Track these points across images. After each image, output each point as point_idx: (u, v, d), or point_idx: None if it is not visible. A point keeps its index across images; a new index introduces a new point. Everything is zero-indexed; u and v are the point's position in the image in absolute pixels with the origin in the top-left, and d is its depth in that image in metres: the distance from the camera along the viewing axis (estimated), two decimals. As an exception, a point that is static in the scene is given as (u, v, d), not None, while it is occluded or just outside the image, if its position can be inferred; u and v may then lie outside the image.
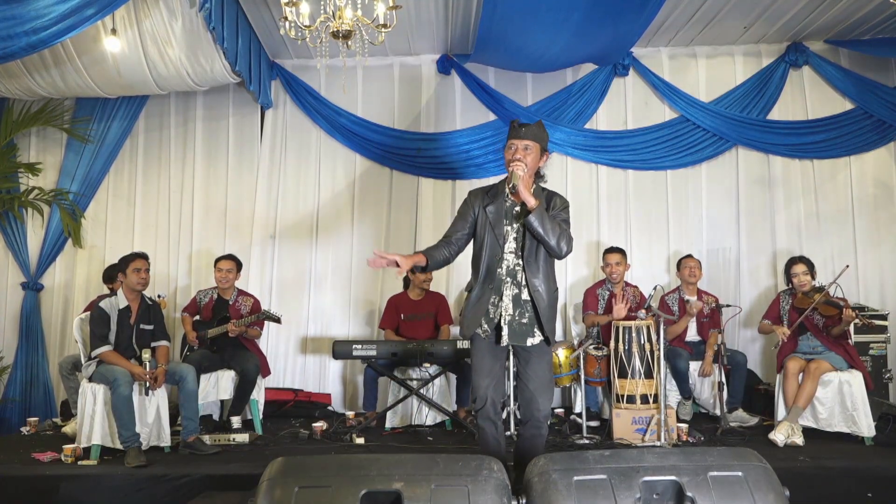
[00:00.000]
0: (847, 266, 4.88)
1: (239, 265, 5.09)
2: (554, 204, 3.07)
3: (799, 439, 4.17)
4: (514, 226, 3.04)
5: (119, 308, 4.23)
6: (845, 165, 5.81)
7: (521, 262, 3.01)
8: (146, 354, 4.11)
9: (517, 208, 3.03)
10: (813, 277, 4.64)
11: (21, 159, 5.95)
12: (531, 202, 2.90)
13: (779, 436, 4.17)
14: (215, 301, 5.00)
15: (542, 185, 3.17)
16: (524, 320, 3.00)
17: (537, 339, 3.01)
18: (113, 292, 4.54)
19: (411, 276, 5.17)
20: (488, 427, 3.00)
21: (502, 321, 2.99)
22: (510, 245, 3.03)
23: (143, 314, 4.32)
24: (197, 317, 5.00)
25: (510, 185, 2.92)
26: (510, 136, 3.07)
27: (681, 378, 4.81)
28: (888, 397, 5.09)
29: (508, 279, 3.01)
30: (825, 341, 4.50)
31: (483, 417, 2.99)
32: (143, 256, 4.32)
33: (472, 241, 3.16)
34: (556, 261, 3.11)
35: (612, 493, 2.11)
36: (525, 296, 3.00)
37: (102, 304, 4.24)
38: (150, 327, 4.34)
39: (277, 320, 4.85)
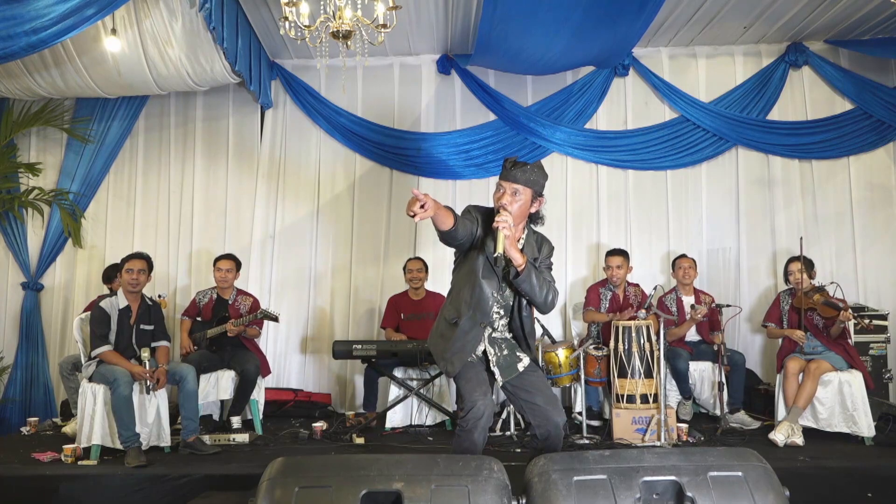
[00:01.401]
0: (801, 237, 4.84)
1: (238, 264, 5.09)
2: (544, 252, 2.90)
3: (799, 439, 4.17)
4: (500, 270, 2.84)
5: (119, 308, 4.22)
6: (844, 166, 5.81)
7: (501, 312, 2.88)
8: (145, 354, 4.11)
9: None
10: (811, 277, 4.64)
11: (21, 159, 5.95)
12: (518, 260, 2.70)
13: (779, 436, 4.17)
14: (215, 301, 5.00)
15: (537, 228, 2.94)
16: (505, 352, 2.88)
17: (526, 360, 2.89)
18: (113, 292, 4.55)
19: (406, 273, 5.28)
20: (480, 441, 2.73)
21: (491, 365, 2.86)
22: (496, 286, 2.86)
23: (143, 314, 4.31)
24: (198, 318, 5.00)
25: (495, 256, 2.63)
26: (501, 175, 2.79)
27: (680, 378, 4.81)
28: (888, 397, 5.10)
29: (480, 321, 2.84)
30: (825, 341, 4.50)
31: (480, 429, 2.71)
32: (138, 257, 4.29)
33: (459, 263, 2.95)
34: (549, 271, 2.95)
35: (612, 493, 2.11)
36: (497, 335, 2.89)
37: (103, 303, 4.24)
38: (151, 328, 4.34)
39: (275, 319, 4.85)
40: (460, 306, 2.85)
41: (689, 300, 5.04)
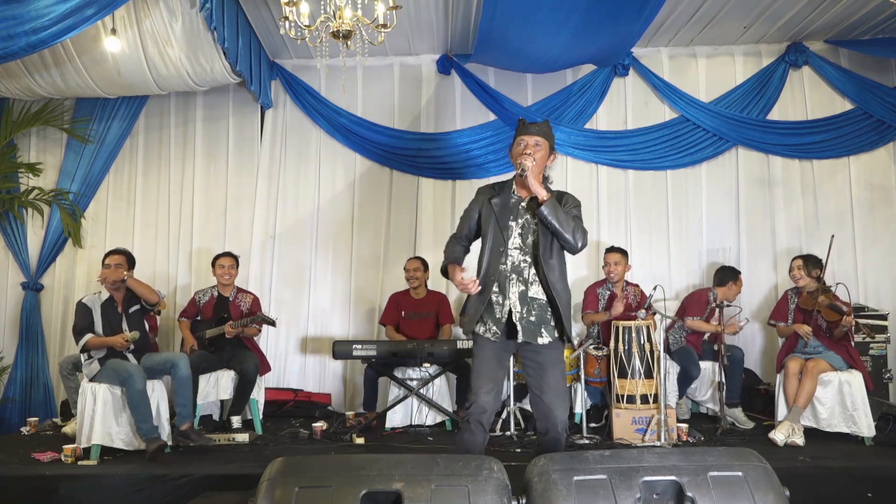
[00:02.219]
0: (833, 236, 4.80)
1: (238, 262, 5.10)
2: (566, 201, 2.95)
3: (800, 439, 4.17)
4: (520, 221, 2.93)
5: (102, 300, 4.29)
6: (844, 166, 5.81)
7: (528, 259, 2.89)
8: (132, 335, 4.19)
9: (523, 203, 2.94)
10: (813, 276, 4.62)
11: (21, 159, 5.95)
12: (542, 194, 2.81)
13: (779, 435, 4.17)
14: (216, 298, 5.01)
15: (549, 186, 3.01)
16: (532, 318, 2.87)
17: (546, 338, 2.86)
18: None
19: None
20: (479, 434, 2.79)
21: (513, 318, 2.86)
22: (515, 240, 2.91)
23: (129, 301, 4.37)
24: (198, 317, 5.00)
25: (520, 172, 2.82)
26: (519, 132, 2.96)
27: (685, 381, 4.78)
28: (888, 397, 5.09)
29: (513, 275, 2.88)
30: (826, 341, 4.50)
31: (476, 423, 2.79)
32: (115, 252, 4.37)
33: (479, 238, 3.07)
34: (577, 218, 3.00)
35: (612, 493, 2.11)
36: (532, 293, 2.88)
37: (84, 299, 4.32)
38: (139, 305, 4.38)
39: (272, 323, 4.85)
40: (479, 269, 2.95)
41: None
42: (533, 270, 2.90)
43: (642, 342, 4.42)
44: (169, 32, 4.68)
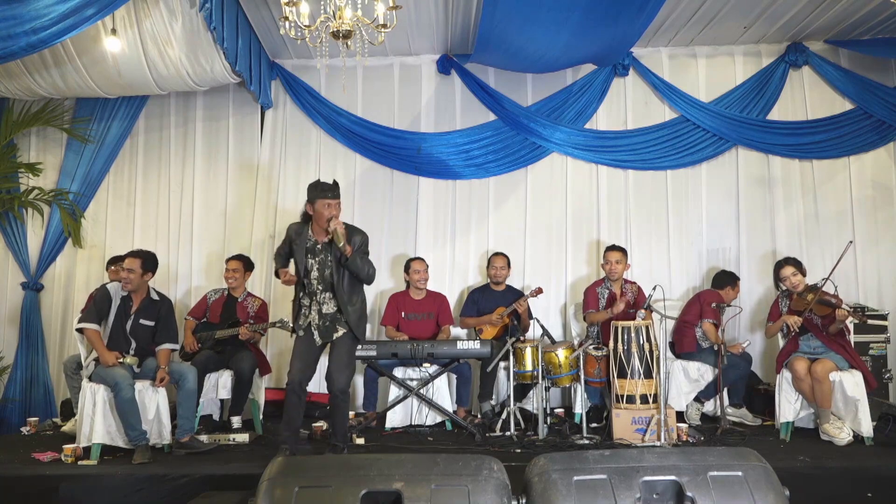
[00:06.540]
0: (851, 242, 4.75)
1: (247, 265, 5.11)
2: (360, 242, 3.86)
3: (848, 427, 4.18)
4: (318, 259, 3.88)
5: (122, 295, 4.26)
6: (844, 166, 5.81)
7: (322, 286, 3.88)
8: (131, 360, 4.15)
9: (319, 246, 3.88)
10: (803, 275, 4.62)
11: (21, 159, 5.95)
12: (348, 251, 3.74)
13: (841, 434, 4.15)
14: (226, 298, 5.03)
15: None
16: (327, 324, 3.90)
17: (341, 332, 3.90)
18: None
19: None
20: (294, 399, 3.84)
21: (312, 327, 3.92)
22: (314, 273, 3.89)
23: (145, 308, 4.31)
24: (206, 316, 5.00)
25: (341, 245, 3.68)
26: (331, 195, 3.79)
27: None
28: (888, 397, 5.09)
29: (312, 299, 3.91)
30: (825, 341, 4.49)
31: (291, 391, 3.83)
32: (134, 255, 4.30)
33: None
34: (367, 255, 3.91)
35: (612, 493, 2.11)
36: (326, 310, 3.90)
37: (110, 286, 4.31)
38: (151, 324, 4.31)
39: (292, 331, 4.85)
40: (297, 290, 4.00)
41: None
42: (328, 294, 3.89)
43: (641, 342, 4.42)
44: (169, 32, 4.68)
